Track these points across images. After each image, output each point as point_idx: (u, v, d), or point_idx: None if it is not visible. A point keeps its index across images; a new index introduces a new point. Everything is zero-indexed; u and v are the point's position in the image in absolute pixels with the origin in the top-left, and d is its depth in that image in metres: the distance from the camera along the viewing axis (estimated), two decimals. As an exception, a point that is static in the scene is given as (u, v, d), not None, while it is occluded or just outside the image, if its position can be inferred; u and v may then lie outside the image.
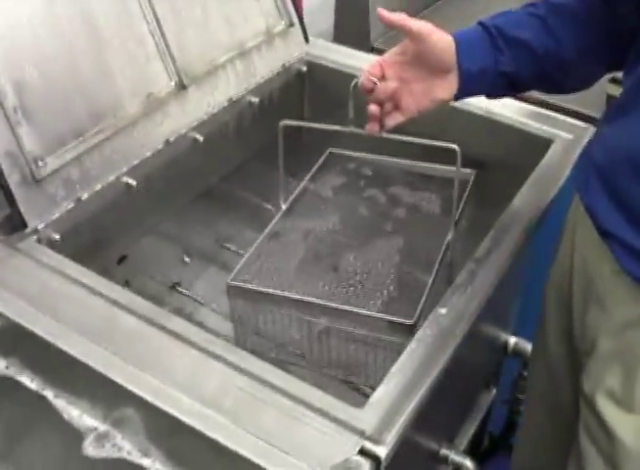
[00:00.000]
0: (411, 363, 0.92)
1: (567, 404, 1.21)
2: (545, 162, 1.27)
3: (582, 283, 1.09)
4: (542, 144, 1.31)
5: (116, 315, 0.96)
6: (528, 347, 1.45)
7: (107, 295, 0.98)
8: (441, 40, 1.01)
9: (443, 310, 0.99)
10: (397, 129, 1.06)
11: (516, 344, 1.49)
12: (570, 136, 1.32)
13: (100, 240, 1.19)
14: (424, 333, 0.95)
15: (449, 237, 1.19)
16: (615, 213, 0.97)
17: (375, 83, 1.01)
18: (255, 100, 1.41)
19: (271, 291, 1.12)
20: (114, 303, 0.97)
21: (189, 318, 1.37)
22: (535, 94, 1.48)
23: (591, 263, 1.06)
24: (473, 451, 1.45)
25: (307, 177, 1.34)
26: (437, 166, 1.33)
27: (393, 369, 0.90)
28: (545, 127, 1.35)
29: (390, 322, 1.06)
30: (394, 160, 1.36)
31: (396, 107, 1.04)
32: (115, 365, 0.90)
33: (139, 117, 1.21)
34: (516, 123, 1.37)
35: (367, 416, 0.84)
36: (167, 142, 1.25)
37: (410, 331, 1.03)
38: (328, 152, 1.39)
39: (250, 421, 0.83)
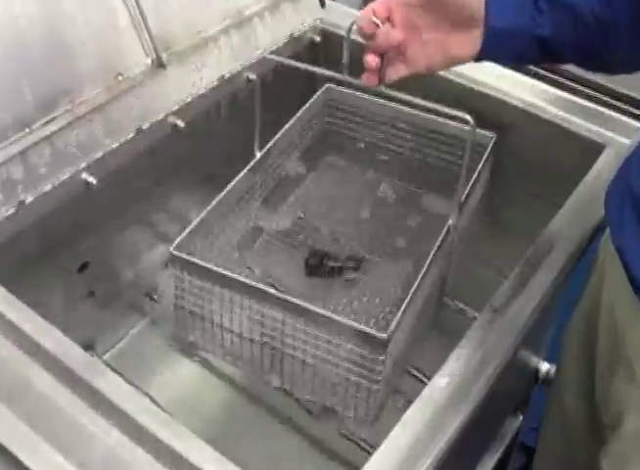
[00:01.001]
0: (391, 458, 0.72)
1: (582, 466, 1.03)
2: (593, 172, 1.05)
3: (609, 340, 0.90)
4: (592, 149, 1.09)
5: (32, 369, 0.77)
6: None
7: (27, 334, 0.80)
8: None
9: (444, 381, 0.79)
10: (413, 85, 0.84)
11: (548, 372, 1.29)
12: (627, 141, 1.09)
13: (52, 247, 1.01)
14: (412, 415, 0.75)
15: (450, 222, 0.96)
16: None
17: (377, 26, 0.77)
18: (254, 77, 1.19)
19: (222, 271, 0.90)
20: (32, 347, 0.79)
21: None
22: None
23: (620, 319, 0.87)
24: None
25: (298, 115, 1.13)
26: (455, 124, 1.09)
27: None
28: (597, 128, 1.12)
29: (360, 333, 0.84)
30: (403, 108, 1.14)
31: (402, 58, 0.82)
32: (22, 437, 0.73)
33: (104, 103, 1.02)
34: (559, 120, 1.14)
35: None
36: (139, 130, 1.05)
37: (383, 346, 0.83)
38: (326, 87, 1.18)
39: None
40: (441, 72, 1.19)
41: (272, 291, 0.88)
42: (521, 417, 1.38)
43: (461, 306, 1.18)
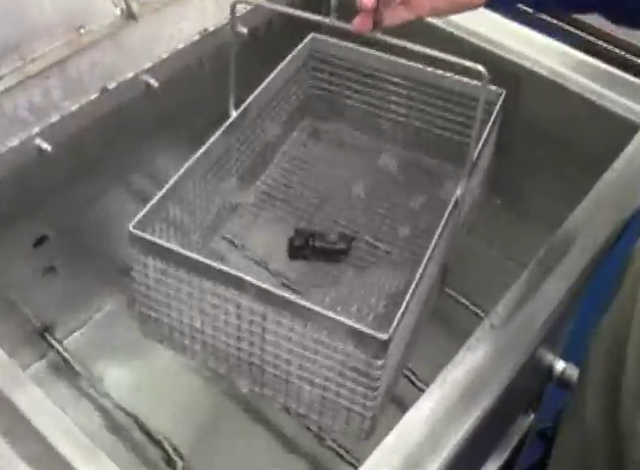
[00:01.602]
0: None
1: None
2: (625, 156, 0.91)
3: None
4: (624, 128, 0.94)
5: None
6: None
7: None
8: None
9: (430, 405, 0.67)
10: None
11: (563, 372, 1.16)
12: (670, 121, 0.95)
13: (2, 221, 0.90)
14: (395, 442, 0.64)
15: (458, 193, 0.82)
16: None
17: None
18: (243, 30, 1.06)
19: (190, 254, 0.75)
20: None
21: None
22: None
23: None
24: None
25: (277, 70, 0.99)
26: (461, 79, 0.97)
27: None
28: (632, 104, 0.97)
29: (355, 332, 0.70)
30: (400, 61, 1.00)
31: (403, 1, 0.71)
32: None
33: (63, 59, 0.90)
34: (585, 91, 0.99)
35: None
36: (104, 90, 0.93)
37: (383, 348, 0.69)
38: (311, 36, 1.05)
39: None
40: (444, 25, 1.05)
41: (251, 279, 0.74)
42: (532, 416, 1.27)
43: (467, 302, 1.05)
